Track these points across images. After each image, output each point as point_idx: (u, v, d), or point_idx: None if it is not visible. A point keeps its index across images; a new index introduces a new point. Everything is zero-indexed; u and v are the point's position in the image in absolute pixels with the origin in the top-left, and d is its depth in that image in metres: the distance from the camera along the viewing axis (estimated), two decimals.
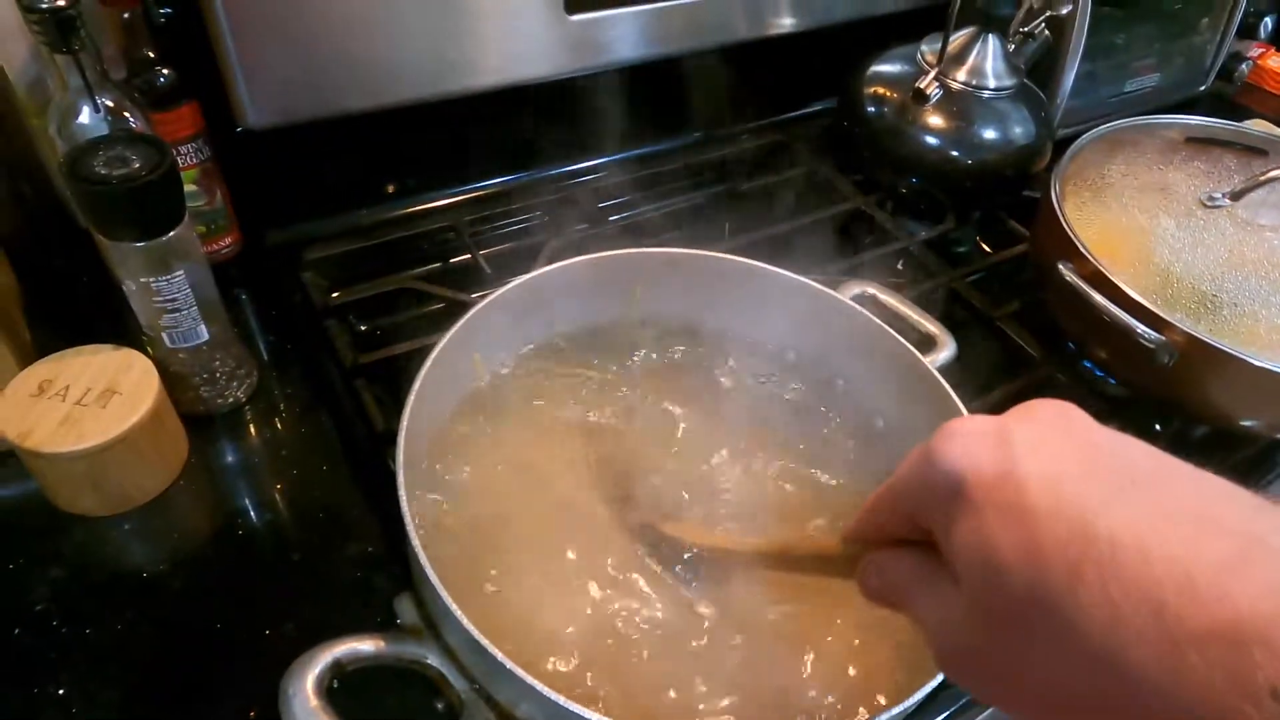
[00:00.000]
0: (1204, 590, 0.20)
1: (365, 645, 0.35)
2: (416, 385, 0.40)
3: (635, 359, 0.53)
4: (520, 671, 0.32)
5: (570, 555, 0.43)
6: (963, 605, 0.24)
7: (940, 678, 0.35)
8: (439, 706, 0.39)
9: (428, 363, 0.42)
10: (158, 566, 0.52)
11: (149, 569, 0.51)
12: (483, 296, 0.47)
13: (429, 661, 0.36)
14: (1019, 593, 0.22)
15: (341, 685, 0.36)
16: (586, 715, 0.32)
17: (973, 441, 0.24)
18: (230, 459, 0.58)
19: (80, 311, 0.65)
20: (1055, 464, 0.23)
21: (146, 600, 0.50)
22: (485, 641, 0.32)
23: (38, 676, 0.46)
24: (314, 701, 0.33)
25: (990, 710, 0.51)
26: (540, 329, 0.51)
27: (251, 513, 0.55)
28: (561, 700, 0.32)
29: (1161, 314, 0.56)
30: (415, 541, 0.35)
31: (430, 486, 0.44)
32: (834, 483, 0.48)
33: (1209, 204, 0.63)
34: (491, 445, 0.47)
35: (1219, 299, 0.59)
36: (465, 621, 0.32)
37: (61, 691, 0.46)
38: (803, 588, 0.41)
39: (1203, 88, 1.04)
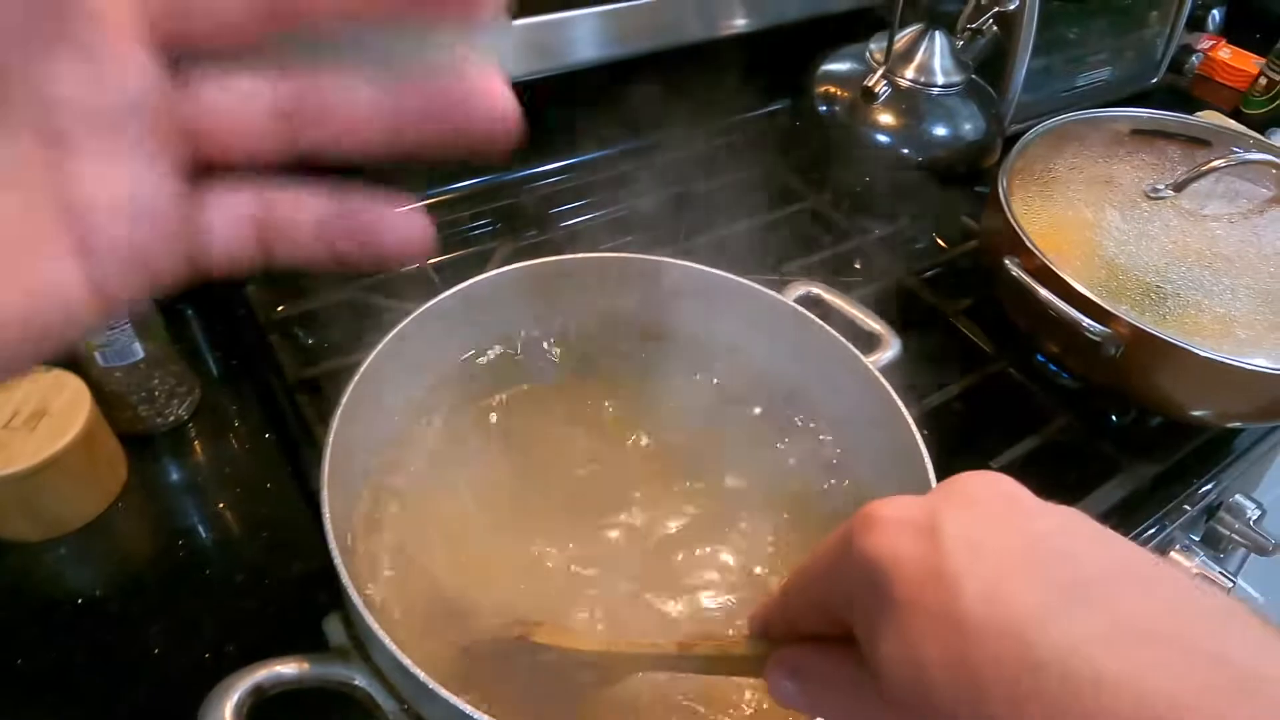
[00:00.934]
0: None
1: (288, 669, 0.34)
2: (343, 402, 0.40)
3: (586, 376, 0.53)
4: (445, 693, 0.31)
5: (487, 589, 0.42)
6: (888, 717, 0.22)
7: None
8: None
9: (354, 379, 0.41)
10: (94, 591, 0.50)
11: (85, 594, 0.50)
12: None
13: (356, 683, 0.35)
14: (950, 715, 0.20)
15: (271, 708, 0.35)
16: None
17: (895, 530, 0.22)
18: (172, 478, 0.57)
19: None
20: (991, 563, 0.20)
21: (83, 626, 0.49)
22: (407, 661, 0.31)
23: None
24: None
25: None
26: (478, 339, 0.51)
27: (194, 533, 0.54)
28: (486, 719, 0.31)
29: (1106, 306, 0.57)
30: (338, 560, 0.34)
31: (363, 506, 0.43)
32: (742, 483, 0.48)
33: (1153, 195, 0.64)
34: (426, 462, 0.46)
35: (1163, 290, 0.59)
36: (387, 641, 0.31)
37: None
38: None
39: (1154, 80, 1.05)
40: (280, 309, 0.64)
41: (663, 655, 0.33)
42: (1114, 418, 0.66)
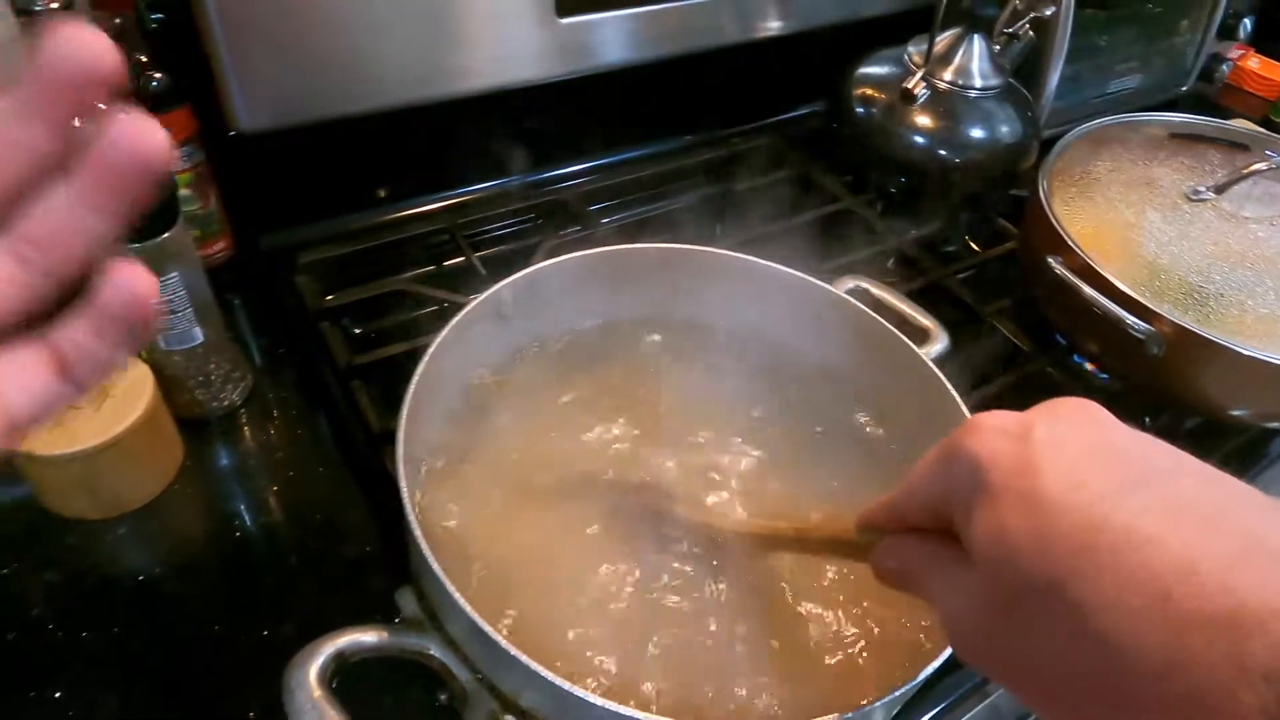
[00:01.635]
0: (1207, 581, 0.20)
1: (368, 636, 0.35)
2: (417, 375, 0.41)
3: (632, 356, 0.53)
4: (523, 656, 0.32)
5: (575, 542, 0.43)
6: (977, 588, 0.25)
7: (941, 659, 0.35)
8: (442, 698, 0.39)
9: (427, 355, 0.42)
10: (153, 570, 0.51)
11: (145, 572, 0.51)
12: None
13: (431, 652, 0.36)
14: (1030, 576, 0.23)
15: (344, 682, 0.36)
16: (591, 699, 0.32)
17: (995, 434, 0.25)
18: (226, 462, 0.58)
19: None
20: (1073, 458, 0.24)
21: (143, 603, 0.50)
22: (487, 626, 0.32)
23: (34, 681, 0.46)
24: (317, 692, 0.32)
25: (976, 710, 0.52)
26: (536, 327, 0.52)
27: (248, 515, 0.55)
28: (566, 685, 0.32)
29: (1150, 305, 0.57)
30: (417, 531, 0.35)
31: (429, 485, 0.44)
32: (834, 482, 0.49)
33: (1194, 198, 0.64)
34: (490, 442, 0.47)
35: (1206, 290, 0.59)
36: (467, 607, 0.32)
37: (58, 695, 0.45)
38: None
39: (1184, 88, 1.05)
40: (329, 298, 0.65)
41: (783, 535, 0.38)
42: (1149, 419, 0.66)
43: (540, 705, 0.34)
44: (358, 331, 0.65)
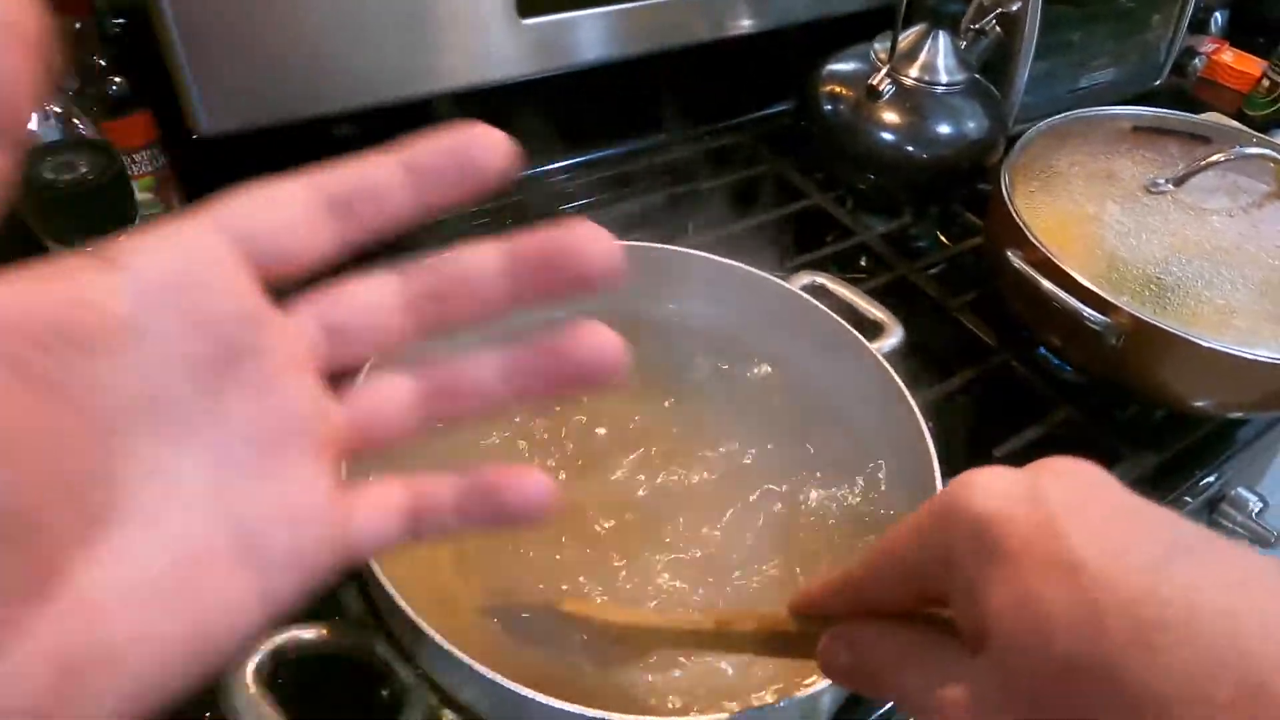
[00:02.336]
0: None
1: (307, 633, 0.35)
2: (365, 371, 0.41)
3: None
4: (460, 654, 0.32)
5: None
6: (985, 678, 0.21)
7: None
8: (384, 694, 0.39)
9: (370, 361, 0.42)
10: None
11: None
12: None
13: (375, 650, 0.36)
14: (1070, 657, 0.19)
15: (288, 678, 0.36)
16: (527, 694, 0.32)
17: (1000, 490, 0.22)
18: None
19: None
20: (1099, 522, 0.21)
21: None
22: (421, 621, 0.32)
23: None
24: (253, 690, 0.33)
25: None
26: (495, 327, 0.52)
27: None
28: (502, 680, 0.32)
29: (1107, 297, 0.57)
30: None
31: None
32: (783, 485, 0.49)
33: (1153, 190, 0.65)
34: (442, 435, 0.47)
35: (1164, 281, 0.60)
36: (401, 602, 0.33)
37: None
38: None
39: (1158, 83, 1.06)
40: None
41: (700, 632, 0.32)
42: (1117, 413, 0.67)
43: (478, 700, 0.35)
44: None
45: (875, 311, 0.54)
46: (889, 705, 0.49)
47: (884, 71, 0.75)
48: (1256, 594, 0.19)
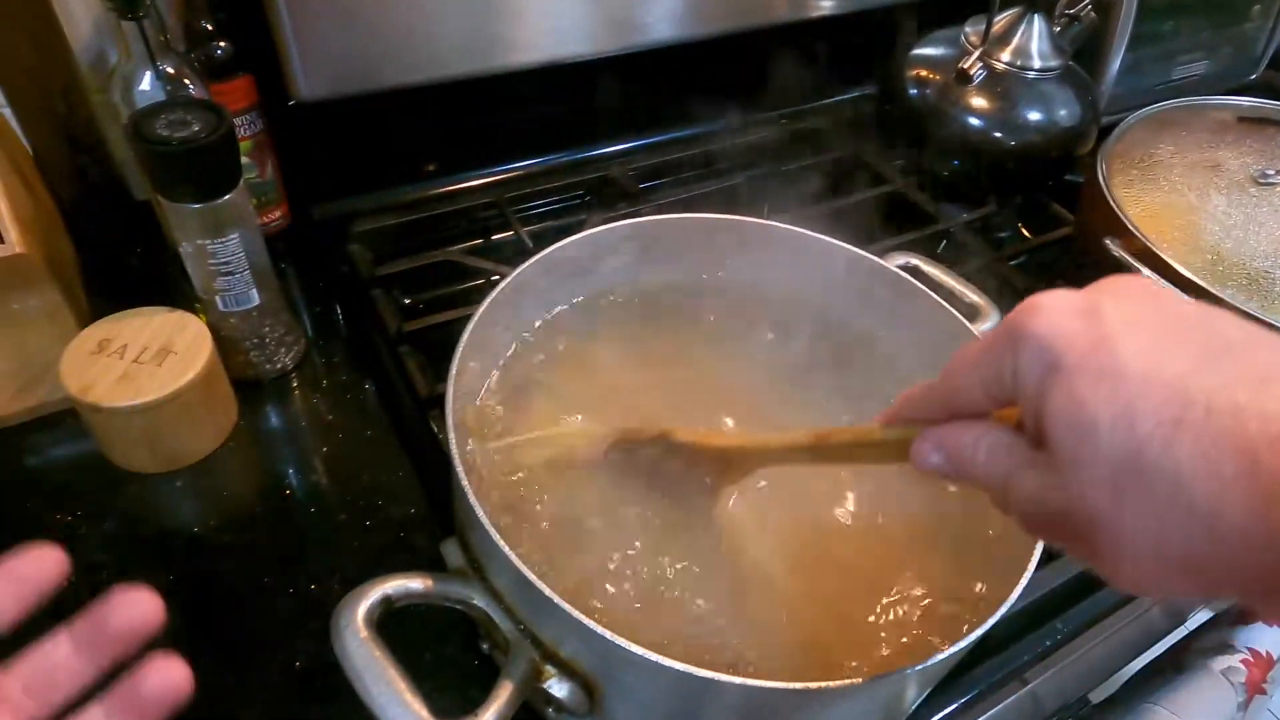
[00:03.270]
0: None
1: (414, 583, 0.35)
2: (468, 330, 0.41)
3: (678, 323, 0.53)
4: (565, 604, 0.32)
5: (610, 498, 0.43)
6: (1050, 468, 0.25)
7: (982, 629, 0.35)
8: (484, 648, 0.39)
9: (481, 309, 0.42)
10: (207, 523, 0.53)
11: (198, 526, 0.53)
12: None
13: (475, 602, 0.36)
14: (1114, 451, 0.23)
15: (390, 630, 0.37)
16: (631, 649, 0.32)
17: (1062, 314, 0.25)
18: (277, 423, 0.60)
19: (134, 281, 0.67)
20: (1147, 332, 0.24)
21: (195, 556, 0.51)
22: (531, 575, 0.32)
23: None
24: (364, 633, 0.33)
25: (1012, 699, 0.51)
26: (583, 292, 0.52)
27: (297, 475, 0.56)
28: (608, 634, 0.32)
29: (1212, 290, 0.56)
30: (463, 480, 0.35)
31: (474, 442, 0.45)
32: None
33: (1262, 181, 0.62)
34: (539, 400, 0.48)
35: (1272, 275, 0.58)
36: (511, 555, 0.33)
37: None
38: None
39: (1253, 76, 1.02)
40: (381, 268, 0.66)
41: (798, 445, 0.35)
42: None
43: (580, 654, 0.35)
44: (407, 301, 0.66)
45: (972, 295, 0.53)
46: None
47: (975, 55, 0.73)
48: (1267, 392, 0.21)
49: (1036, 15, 0.75)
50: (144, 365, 0.52)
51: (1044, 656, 0.53)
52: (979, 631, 0.34)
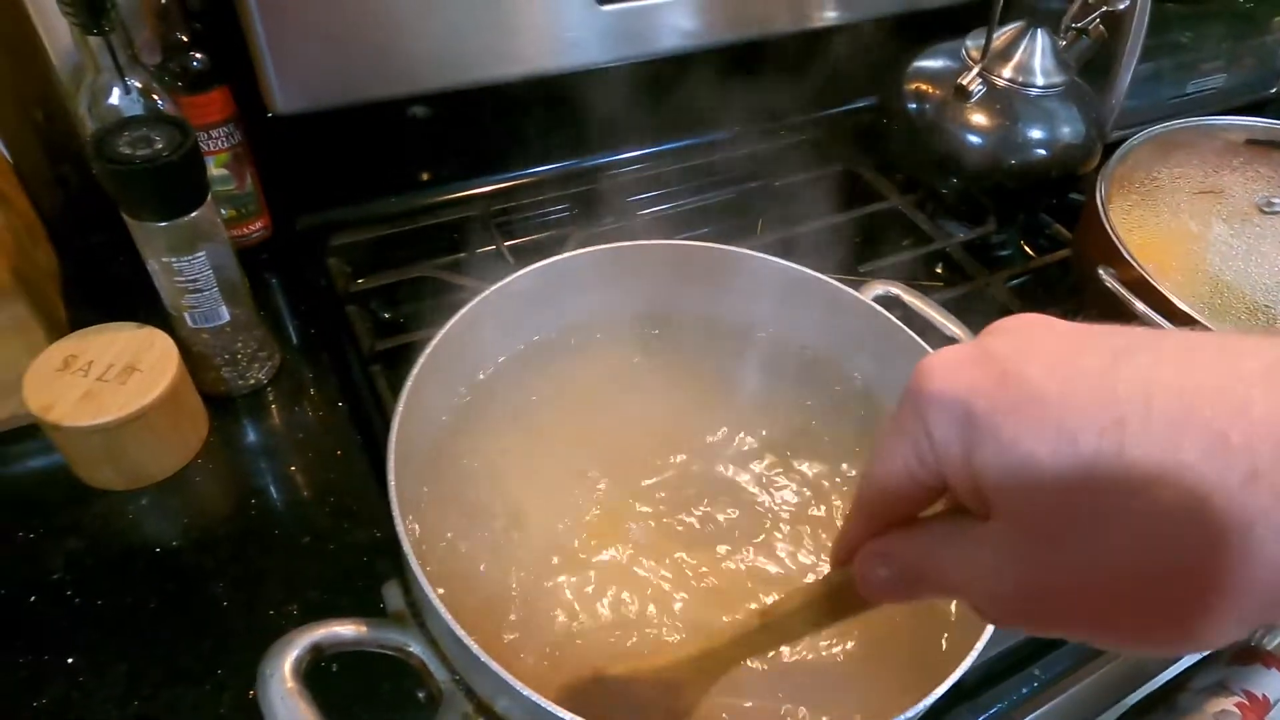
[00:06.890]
0: (1261, 411, 0.19)
1: (347, 630, 0.35)
2: (416, 370, 0.40)
3: (641, 356, 0.52)
4: (496, 666, 0.31)
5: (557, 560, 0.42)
6: (1005, 533, 0.22)
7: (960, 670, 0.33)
8: (420, 696, 0.38)
9: (426, 350, 0.41)
10: (171, 542, 0.52)
11: (162, 544, 0.52)
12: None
13: (411, 649, 0.36)
14: (1064, 481, 0.20)
15: (328, 671, 0.36)
16: (562, 715, 0.31)
17: (954, 366, 0.23)
18: (249, 439, 0.59)
19: (116, 290, 0.66)
20: (1045, 353, 0.22)
21: (158, 575, 0.51)
22: (462, 632, 0.31)
23: (48, 645, 0.47)
24: (290, 684, 0.32)
25: None
26: (548, 320, 0.51)
27: (265, 494, 0.56)
28: (537, 698, 0.31)
29: (1209, 325, 0.53)
30: (400, 526, 0.34)
31: (429, 478, 0.44)
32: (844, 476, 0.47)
33: (1267, 210, 0.60)
34: (493, 437, 0.47)
35: (1273, 311, 0.55)
36: (443, 611, 0.32)
37: (70, 661, 0.47)
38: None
39: (1275, 90, 0.98)
40: (360, 281, 0.66)
41: (751, 634, 0.31)
42: None
43: (512, 713, 0.34)
44: (386, 316, 0.66)
45: (952, 327, 0.51)
46: None
47: (975, 71, 0.71)
48: (1202, 366, 0.20)
49: (1040, 30, 0.72)
50: (107, 383, 0.51)
51: (1023, 704, 0.51)
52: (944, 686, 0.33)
